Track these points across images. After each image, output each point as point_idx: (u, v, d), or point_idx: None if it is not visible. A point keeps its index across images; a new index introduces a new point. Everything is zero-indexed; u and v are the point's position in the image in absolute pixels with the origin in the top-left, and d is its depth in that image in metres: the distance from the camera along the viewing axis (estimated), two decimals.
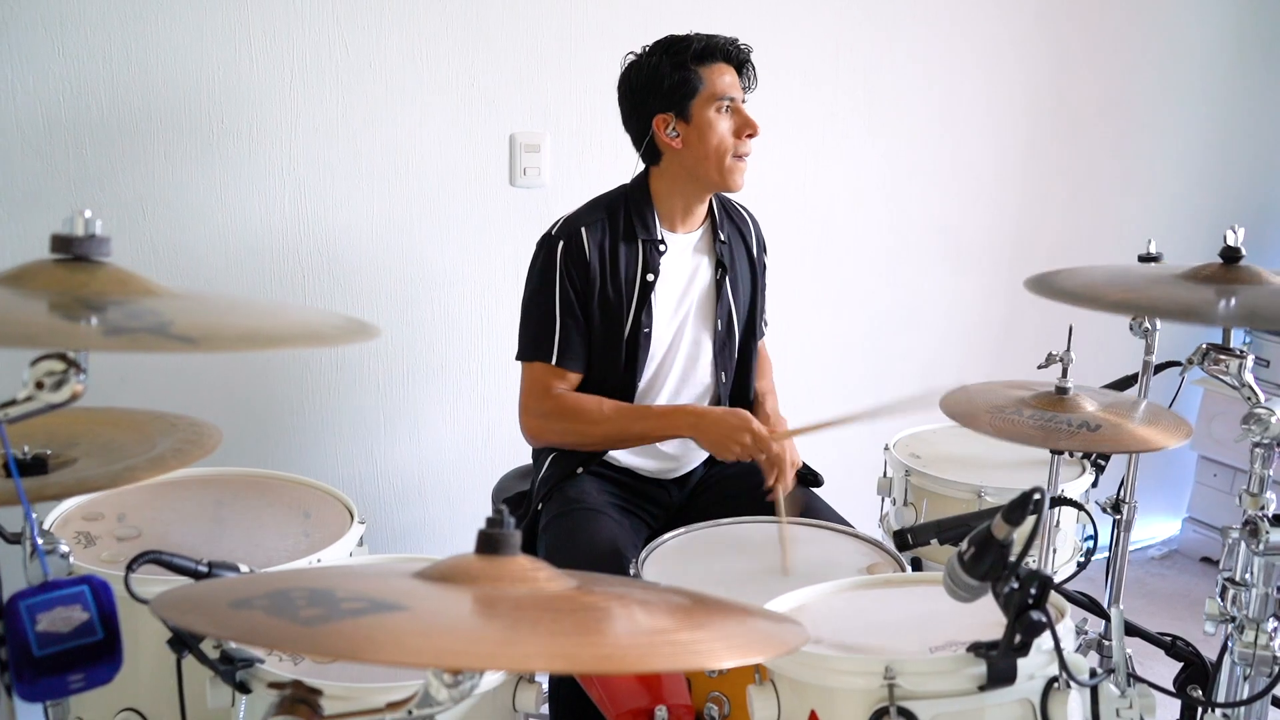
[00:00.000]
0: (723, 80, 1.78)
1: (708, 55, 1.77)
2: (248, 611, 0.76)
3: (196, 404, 2.12)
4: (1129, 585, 3.36)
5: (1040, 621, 0.95)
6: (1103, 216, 3.24)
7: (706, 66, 1.77)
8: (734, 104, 1.79)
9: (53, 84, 1.92)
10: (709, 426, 1.75)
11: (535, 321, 1.82)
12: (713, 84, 1.77)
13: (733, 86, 1.79)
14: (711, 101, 1.77)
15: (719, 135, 1.77)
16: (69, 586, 0.94)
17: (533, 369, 1.83)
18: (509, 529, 0.93)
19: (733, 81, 1.79)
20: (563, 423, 1.82)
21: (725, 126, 1.78)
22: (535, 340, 1.82)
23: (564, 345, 1.80)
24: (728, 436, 1.73)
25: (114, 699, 1.43)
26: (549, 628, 0.78)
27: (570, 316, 1.80)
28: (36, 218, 1.95)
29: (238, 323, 0.81)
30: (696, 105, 1.77)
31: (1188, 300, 1.10)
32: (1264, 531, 1.10)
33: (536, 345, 1.81)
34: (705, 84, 1.77)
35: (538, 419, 1.84)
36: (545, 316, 1.80)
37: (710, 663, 0.78)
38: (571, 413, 1.81)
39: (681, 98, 1.77)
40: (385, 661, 0.68)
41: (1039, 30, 3.01)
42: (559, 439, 1.86)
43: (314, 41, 2.12)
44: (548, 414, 1.83)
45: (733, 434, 1.72)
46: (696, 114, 1.77)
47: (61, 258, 0.87)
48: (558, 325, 1.79)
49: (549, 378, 1.81)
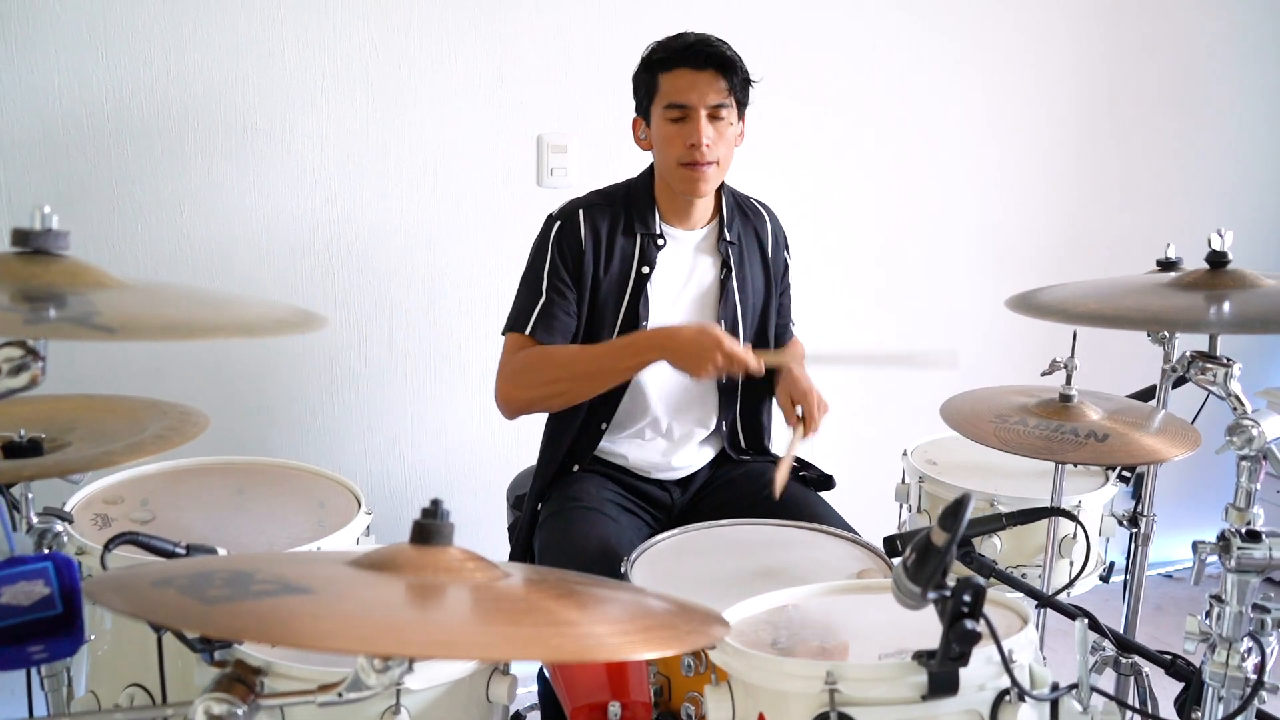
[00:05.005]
0: (677, 86, 1.74)
1: (670, 60, 1.75)
2: (164, 591, 0.79)
3: (226, 397, 2.22)
4: (1176, 604, 3.23)
5: (974, 631, 0.93)
6: (1161, 218, 3.12)
7: (666, 72, 1.75)
8: (686, 110, 1.74)
9: (97, 88, 2.02)
10: (679, 346, 1.68)
11: (523, 295, 1.84)
12: (664, 90, 1.76)
13: (688, 92, 1.73)
14: (661, 108, 1.76)
15: (666, 143, 1.77)
16: (34, 562, 0.99)
17: (511, 339, 1.82)
18: (443, 520, 0.95)
19: (694, 85, 1.73)
20: (530, 374, 1.77)
21: (671, 133, 1.76)
22: (518, 312, 1.82)
23: (542, 317, 1.79)
24: (699, 355, 1.66)
25: (122, 675, 1.49)
26: (450, 616, 0.80)
27: (555, 293, 1.80)
28: (81, 215, 2.05)
29: (166, 314, 0.85)
30: (654, 110, 1.78)
31: (1157, 309, 1.06)
32: (1234, 547, 1.05)
33: (518, 318, 1.81)
34: (659, 90, 1.76)
35: (506, 378, 1.80)
36: (532, 290, 1.81)
37: (597, 656, 0.79)
38: (538, 361, 1.77)
39: (645, 102, 1.80)
40: (271, 641, 0.71)
41: (1091, 25, 2.92)
42: (530, 393, 1.79)
43: (345, 45, 2.18)
44: (515, 370, 1.78)
45: (704, 352, 1.65)
46: (654, 119, 1.79)
47: (21, 251, 0.92)
48: (540, 302, 1.80)
49: (524, 345, 1.80)
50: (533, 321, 1.79)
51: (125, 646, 1.46)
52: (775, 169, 2.52)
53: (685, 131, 1.74)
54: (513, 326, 1.82)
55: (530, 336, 1.79)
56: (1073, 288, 1.23)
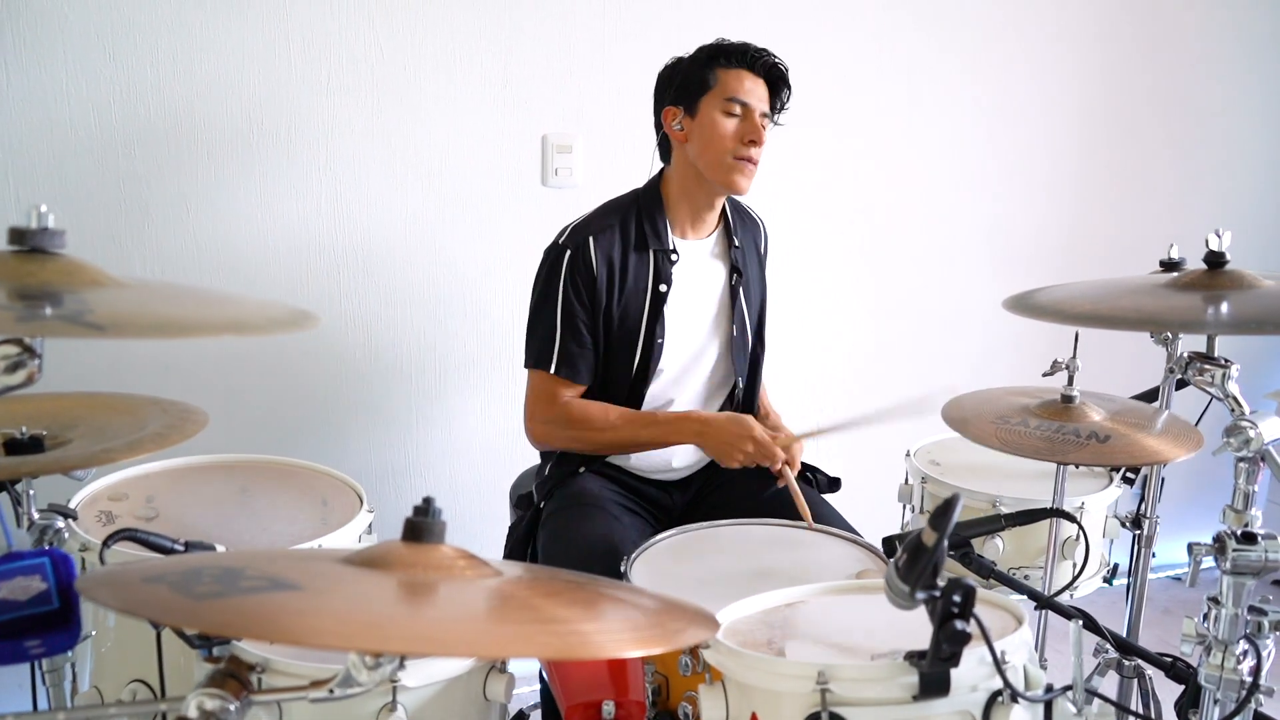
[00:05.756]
0: (739, 84, 1.78)
1: (732, 59, 1.78)
2: (155, 586, 0.80)
3: (233, 395, 2.23)
4: (1183, 606, 3.20)
5: (964, 631, 0.93)
6: (1165, 219, 3.11)
7: (726, 69, 1.78)
8: (746, 108, 1.78)
9: (104, 88, 2.03)
10: (713, 434, 1.77)
11: (540, 331, 1.84)
12: (726, 85, 1.78)
13: (749, 93, 1.78)
14: (720, 100, 1.77)
15: (720, 133, 1.77)
16: (31, 558, 1.00)
17: (538, 376, 1.86)
18: (435, 518, 0.96)
19: (752, 89, 1.78)
20: (569, 430, 1.84)
21: (728, 126, 1.78)
22: (540, 349, 1.83)
23: (564, 356, 1.81)
24: (731, 444, 1.75)
25: (125, 671, 1.51)
26: (439, 613, 0.81)
27: (572, 329, 1.81)
28: (89, 214, 2.07)
29: (157, 312, 0.86)
30: (705, 102, 1.79)
31: (1153, 310, 1.05)
32: (1230, 549, 1.04)
33: (540, 354, 1.83)
34: (719, 83, 1.78)
35: (543, 425, 1.86)
36: (548, 328, 1.82)
37: (583, 653, 0.79)
38: (578, 421, 1.83)
39: (693, 93, 1.79)
40: (256, 637, 0.71)
41: (1092, 26, 2.91)
42: (564, 445, 1.88)
43: (350, 46, 2.19)
44: (553, 420, 1.85)
45: (736, 442, 1.74)
46: (703, 110, 1.79)
47: (18, 249, 0.92)
48: (558, 337, 1.81)
49: (553, 386, 1.84)
50: (555, 361, 1.82)
51: (128, 643, 1.48)
52: (779, 170, 2.51)
53: (745, 128, 1.78)
54: (536, 364, 1.84)
55: (556, 376, 1.82)
56: (1069, 288, 1.23)
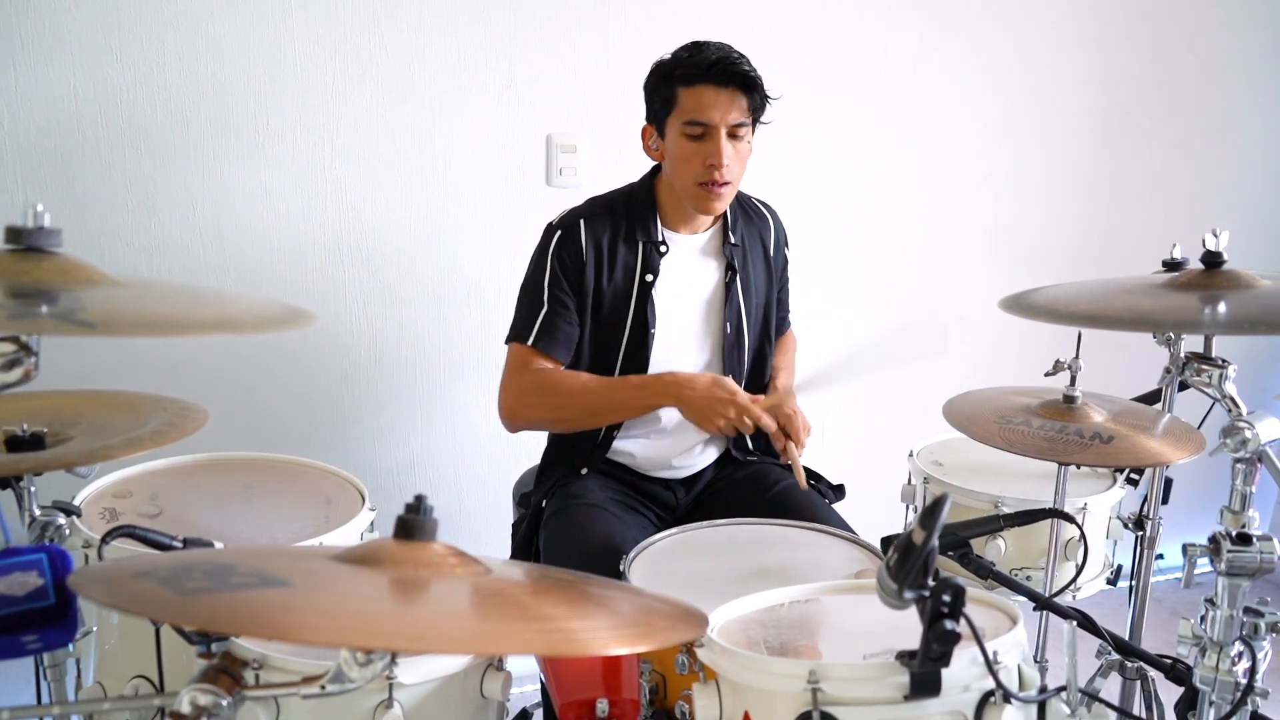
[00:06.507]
0: (698, 103, 1.69)
1: (690, 76, 1.69)
2: (145, 583, 0.81)
3: (238, 393, 2.24)
4: (1190, 608, 3.19)
5: (954, 631, 0.92)
6: (1169, 219, 3.09)
7: (687, 87, 1.70)
8: (707, 129, 1.70)
9: (111, 87, 2.05)
10: (693, 397, 1.68)
11: (524, 305, 1.84)
12: (684, 106, 1.71)
13: (710, 111, 1.69)
14: (679, 124, 1.72)
15: (683, 158, 1.73)
16: (29, 554, 1.01)
17: (515, 349, 1.83)
18: (427, 515, 0.96)
19: (715, 103, 1.69)
20: (539, 396, 1.79)
21: (689, 150, 1.72)
22: (521, 322, 1.82)
23: (544, 329, 1.79)
24: (711, 409, 1.66)
25: (128, 666, 1.52)
26: (427, 610, 0.81)
27: (557, 304, 1.79)
28: (95, 213, 2.08)
29: (149, 310, 0.86)
30: (669, 123, 1.74)
31: (1148, 309, 1.05)
32: (1224, 550, 1.04)
33: (520, 328, 1.81)
34: (678, 104, 1.72)
35: (514, 395, 1.81)
36: (533, 300, 1.81)
37: (570, 650, 0.79)
38: (549, 386, 1.78)
39: (660, 113, 1.76)
40: (243, 633, 0.72)
41: (1097, 28, 2.89)
42: (536, 415, 1.82)
43: (355, 45, 2.20)
44: (524, 389, 1.79)
45: (716, 405, 1.66)
46: (669, 132, 1.75)
47: (14, 248, 0.93)
48: (542, 314, 1.79)
49: (529, 355, 1.80)
50: (535, 332, 1.79)
51: (131, 639, 1.49)
52: (784, 170, 2.51)
53: (705, 150, 1.71)
54: (515, 336, 1.82)
55: (534, 348, 1.79)
56: (1066, 288, 1.22)
